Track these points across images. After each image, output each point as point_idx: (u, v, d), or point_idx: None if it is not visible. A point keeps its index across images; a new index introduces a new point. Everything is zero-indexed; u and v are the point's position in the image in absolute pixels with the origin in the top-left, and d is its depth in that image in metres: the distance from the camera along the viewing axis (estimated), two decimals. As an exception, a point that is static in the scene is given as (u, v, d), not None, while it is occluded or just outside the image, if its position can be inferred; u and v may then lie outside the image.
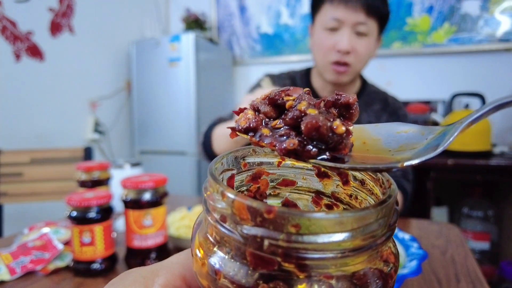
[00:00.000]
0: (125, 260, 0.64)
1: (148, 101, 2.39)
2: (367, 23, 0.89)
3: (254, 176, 0.22)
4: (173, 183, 0.94)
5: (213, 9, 2.73)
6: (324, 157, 0.17)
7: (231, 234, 0.15)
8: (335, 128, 0.17)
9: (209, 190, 0.16)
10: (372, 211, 0.14)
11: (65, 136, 2.05)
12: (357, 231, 0.14)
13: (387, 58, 2.26)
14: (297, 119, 0.17)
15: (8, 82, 1.76)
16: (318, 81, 1.06)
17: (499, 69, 2.03)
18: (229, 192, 0.15)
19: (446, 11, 2.10)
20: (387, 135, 0.20)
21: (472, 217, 1.80)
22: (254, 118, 0.19)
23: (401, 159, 0.17)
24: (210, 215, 0.16)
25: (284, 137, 0.17)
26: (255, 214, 0.14)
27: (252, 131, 0.19)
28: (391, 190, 0.17)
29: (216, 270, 0.15)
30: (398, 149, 0.18)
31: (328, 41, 0.92)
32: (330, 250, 0.13)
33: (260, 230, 0.14)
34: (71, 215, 0.60)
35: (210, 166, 0.19)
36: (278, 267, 0.14)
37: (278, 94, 0.19)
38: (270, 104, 0.19)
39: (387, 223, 0.15)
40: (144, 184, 0.62)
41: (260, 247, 0.14)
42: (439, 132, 0.18)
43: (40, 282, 0.59)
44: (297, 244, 0.13)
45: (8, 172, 1.29)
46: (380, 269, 0.15)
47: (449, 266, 0.64)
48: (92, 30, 2.22)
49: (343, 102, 0.18)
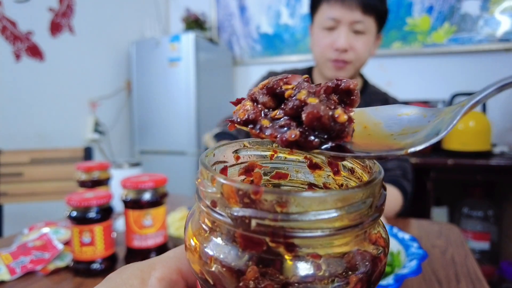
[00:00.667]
0: (125, 260, 0.64)
1: (148, 101, 2.39)
2: (364, 21, 0.90)
3: (247, 169, 0.22)
4: (173, 183, 0.94)
5: (213, 9, 2.73)
6: (328, 147, 0.17)
7: (221, 217, 0.15)
8: (337, 116, 0.16)
9: (200, 178, 0.17)
10: (357, 190, 0.14)
11: (65, 136, 2.05)
12: (343, 209, 0.14)
13: (387, 58, 2.26)
14: (297, 109, 0.17)
15: (8, 82, 1.76)
16: (320, 80, 1.06)
17: (499, 69, 2.03)
18: (218, 176, 0.15)
19: (446, 11, 2.11)
20: (388, 118, 0.19)
21: (472, 217, 1.80)
22: (252, 109, 0.18)
23: (405, 145, 0.17)
24: (201, 202, 0.16)
25: (285, 128, 0.17)
26: (243, 195, 0.14)
27: (251, 123, 0.18)
28: (376, 172, 0.17)
29: (208, 256, 0.15)
30: (401, 133, 0.18)
31: (326, 40, 0.93)
32: (316, 228, 0.14)
33: (248, 211, 0.14)
34: (71, 215, 0.60)
35: (201, 157, 0.19)
36: (266, 247, 0.14)
37: (276, 83, 0.18)
38: (269, 94, 0.19)
39: (374, 204, 0.15)
40: (144, 184, 0.62)
41: (249, 227, 0.14)
42: (442, 114, 0.18)
43: (40, 282, 0.59)
44: (284, 223, 0.13)
45: (8, 172, 1.29)
46: (369, 251, 0.15)
47: (449, 266, 0.64)
48: (92, 30, 2.22)
49: (343, 88, 0.18)
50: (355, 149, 0.17)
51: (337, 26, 0.92)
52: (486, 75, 2.05)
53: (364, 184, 0.15)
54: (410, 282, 0.57)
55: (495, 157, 1.66)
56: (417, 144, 0.16)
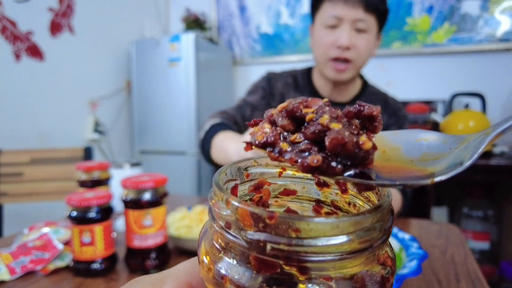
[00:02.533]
0: (125, 260, 0.64)
1: (148, 101, 2.39)
2: (366, 19, 0.91)
3: (256, 186, 0.23)
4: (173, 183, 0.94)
5: (213, 9, 2.73)
6: (351, 174, 0.17)
7: (235, 239, 0.15)
8: (362, 143, 0.16)
9: (214, 199, 0.17)
10: (368, 216, 0.15)
11: (65, 136, 2.05)
12: (354, 234, 0.14)
13: (387, 58, 2.26)
14: (319, 134, 0.17)
15: (8, 82, 1.76)
16: (319, 80, 1.06)
17: (499, 69, 2.03)
18: (233, 200, 0.16)
19: (446, 11, 2.11)
20: (406, 143, 0.19)
21: (472, 217, 1.80)
22: (271, 132, 0.18)
23: (431, 173, 0.16)
24: (215, 223, 0.17)
25: (306, 152, 0.17)
26: (257, 220, 0.14)
27: (270, 146, 0.18)
28: (385, 196, 0.17)
29: (222, 275, 0.16)
30: (420, 159, 0.18)
31: (328, 38, 0.94)
32: (329, 253, 0.14)
33: (263, 235, 0.14)
34: (71, 215, 0.60)
35: (215, 177, 0.19)
36: (280, 270, 0.14)
37: (296, 106, 0.18)
38: (288, 116, 0.18)
39: (383, 227, 0.16)
40: (144, 184, 0.62)
41: (263, 251, 0.14)
42: (464, 142, 0.17)
43: (40, 282, 0.59)
44: (298, 248, 0.14)
45: (8, 172, 1.29)
46: (377, 272, 0.16)
47: (449, 266, 0.64)
48: (92, 30, 2.22)
49: (366, 114, 0.18)
50: (378, 174, 0.17)
51: (340, 24, 0.92)
52: (486, 75, 2.05)
53: (374, 209, 0.15)
54: (410, 282, 0.57)
55: (495, 157, 1.66)
56: (443, 173, 0.16)
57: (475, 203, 1.81)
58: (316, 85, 1.08)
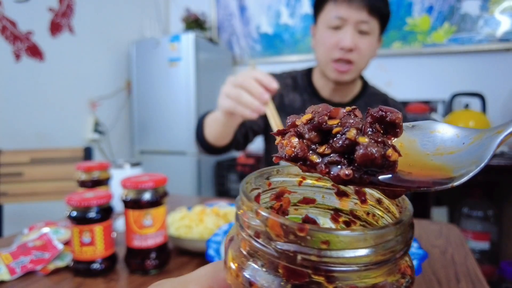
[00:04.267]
0: (125, 260, 0.64)
1: (148, 101, 2.39)
2: (369, 22, 0.91)
3: (277, 195, 0.24)
4: (173, 183, 0.94)
5: (213, 9, 2.73)
6: (379, 180, 0.18)
7: (265, 249, 0.16)
8: (389, 156, 0.18)
9: (242, 209, 0.18)
10: (392, 229, 0.16)
11: (65, 136, 2.05)
12: (379, 247, 0.15)
13: (387, 58, 2.26)
14: (347, 147, 0.18)
15: (8, 82, 1.76)
16: (320, 81, 1.06)
17: (499, 69, 2.03)
18: (263, 211, 0.16)
19: (446, 11, 2.11)
20: (422, 136, 0.20)
21: (472, 217, 1.80)
22: (300, 146, 0.19)
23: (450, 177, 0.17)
24: (243, 231, 0.17)
25: (336, 165, 0.18)
26: (288, 231, 0.15)
27: (300, 160, 0.19)
28: (407, 209, 0.18)
29: (250, 282, 0.17)
30: (435, 152, 0.19)
31: (331, 39, 0.93)
32: (355, 263, 0.15)
33: (293, 246, 0.15)
34: (71, 215, 0.60)
35: (242, 186, 0.20)
36: (309, 279, 0.15)
37: (321, 118, 0.19)
38: (314, 129, 0.19)
39: (404, 239, 0.17)
40: (144, 184, 0.62)
41: (293, 261, 0.15)
42: (476, 138, 0.18)
43: (40, 282, 0.59)
44: (327, 259, 0.15)
45: (8, 172, 1.29)
46: (398, 281, 0.16)
47: (449, 266, 0.64)
48: (92, 30, 2.22)
49: (389, 121, 0.19)
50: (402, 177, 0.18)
51: (343, 26, 0.92)
52: (486, 75, 2.05)
53: (398, 222, 0.16)
54: (410, 282, 0.57)
55: (495, 157, 1.66)
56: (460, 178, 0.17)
57: (475, 203, 1.81)
58: (316, 85, 1.08)
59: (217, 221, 0.72)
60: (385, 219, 0.21)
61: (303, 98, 1.07)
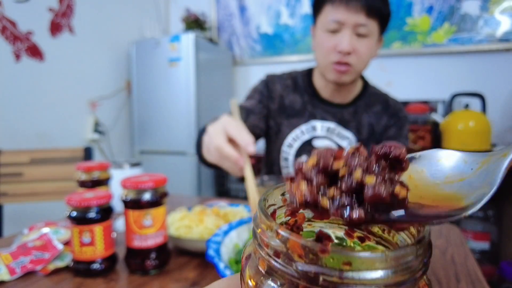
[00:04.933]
0: (125, 260, 0.64)
1: (148, 101, 2.39)
2: (367, 24, 0.90)
3: (293, 211, 0.24)
4: (173, 183, 0.93)
5: (213, 9, 2.73)
6: (392, 218, 0.18)
7: (285, 269, 0.16)
8: (398, 193, 0.18)
9: (261, 227, 0.18)
10: (412, 249, 0.16)
11: (65, 136, 2.05)
12: (399, 266, 0.15)
13: (387, 58, 2.27)
14: (355, 188, 0.18)
15: (8, 82, 1.76)
16: (320, 81, 1.06)
17: (499, 69, 2.03)
18: (283, 231, 0.16)
19: (446, 11, 2.11)
20: (429, 165, 0.20)
21: (472, 217, 1.80)
22: (309, 191, 0.19)
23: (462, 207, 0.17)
24: (262, 250, 0.17)
25: (347, 207, 0.18)
26: (309, 252, 0.15)
27: (311, 205, 0.19)
28: (425, 230, 0.18)
29: None
30: (445, 181, 0.19)
31: (329, 43, 0.93)
32: (376, 284, 0.15)
33: (314, 267, 0.15)
34: (71, 215, 0.60)
35: (259, 204, 0.20)
36: None
37: (326, 162, 0.19)
38: (321, 173, 0.20)
39: (423, 259, 0.17)
40: (144, 184, 0.62)
41: (314, 282, 0.15)
42: (483, 162, 0.18)
43: (40, 282, 0.59)
44: (348, 280, 0.15)
45: (8, 172, 1.29)
46: None
47: (449, 266, 0.64)
48: (92, 30, 2.23)
49: (393, 157, 0.19)
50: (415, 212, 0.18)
51: (341, 29, 0.91)
52: (486, 75, 2.05)
53: (417, 243, 0.17)
54: (410, 282, 0.57)
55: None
56: (473, 205, 0.17)
57: (475, 203, 1.81)
58: (316, 86, 1.08)
59: (217, 221, 0.72)
60: (401, 235, 0.21)
61: (304, 99, 1.07)
